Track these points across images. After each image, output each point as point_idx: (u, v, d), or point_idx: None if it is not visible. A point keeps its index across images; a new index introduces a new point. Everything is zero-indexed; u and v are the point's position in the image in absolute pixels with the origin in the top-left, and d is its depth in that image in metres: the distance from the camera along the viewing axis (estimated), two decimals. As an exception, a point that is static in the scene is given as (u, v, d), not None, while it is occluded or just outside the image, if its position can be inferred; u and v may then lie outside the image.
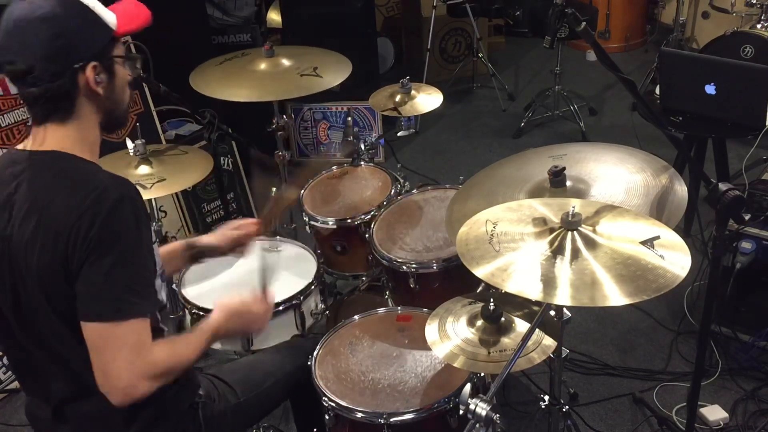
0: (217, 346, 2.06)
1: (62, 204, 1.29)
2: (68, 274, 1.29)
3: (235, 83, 2.42)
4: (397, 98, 2.46)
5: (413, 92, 2.47)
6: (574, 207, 1.40)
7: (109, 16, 1.39)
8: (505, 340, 1.60)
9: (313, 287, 2.12)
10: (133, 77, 1.47)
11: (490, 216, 1.51)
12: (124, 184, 1.34)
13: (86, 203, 1.27)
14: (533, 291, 1.29)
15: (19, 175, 1.35)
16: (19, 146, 1.42)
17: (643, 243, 1.35)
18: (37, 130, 1.38)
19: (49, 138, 1.36)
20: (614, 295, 1.25)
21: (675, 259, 1.32)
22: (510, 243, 1.41)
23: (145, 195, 2.13)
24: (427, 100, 2.47)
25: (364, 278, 2.48)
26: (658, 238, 1.36)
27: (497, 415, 1.24)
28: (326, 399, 1.71)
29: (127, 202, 1.30)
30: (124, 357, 1.29)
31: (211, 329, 1.52)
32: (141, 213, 1.34)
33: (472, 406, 1.24)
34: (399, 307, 2.04)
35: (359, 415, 1.67)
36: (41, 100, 1.33)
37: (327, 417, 1.74)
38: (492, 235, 1.44)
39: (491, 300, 1.62)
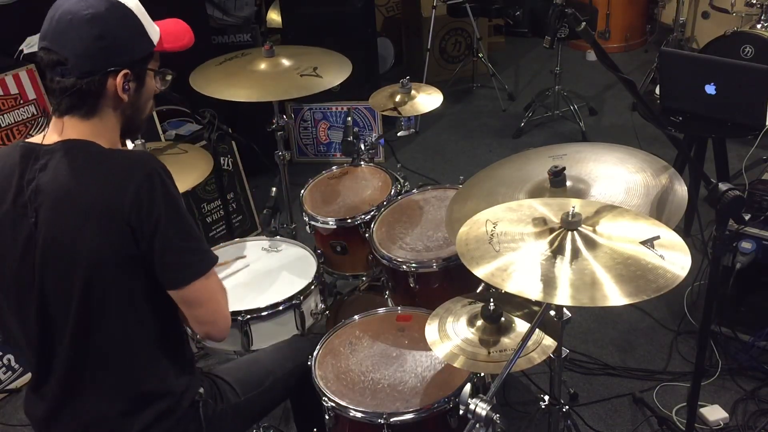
0: (217, 345, 2.07)
1: (102, 186, 1.32)
2: (137, 250, 1.34)
3: (235, 83, 2.42)
4: (397, 98, 2.46)
5: (413, 92, 2.47)
6: (574, 207, 1.39)
7: (153, 29, 1.44)
8: (505, 340, 1.60)
9: (313, 287, 2.12)
10: (161, 90, 1.52)
11: (490, 216, 1.51)
12: (154, 157, 1.40)
13: (135, 181, 1.32)
14: (533, 291, 1.29)
15: (43, 168, 1.35)
16: (34, 138, 1.42)
17: (643, 243, 1.35)
18: (56, 121, 1.39)
19: (69, 130, 1.38)
20: (614, 295, 1.25)
21: (675, 259, 1.32)
22: (510, 243, 1.41)
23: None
24: (427, 100, 2.47)
25: (364, 278, 2.48)
26: (658, 238, 1.36)
27: (497, 415, 1.24)
28: (326, 399, 1.71)
29: (164, 171, 1.37)
30: (222, 296, 1.50)
31: None
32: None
33: (472, 406, 1.24)
34: (399, 307, 2.04)
35: (359, 415, 1.67)
36: (67, 92, 1.35)
37: (327, 417, 1.74)
38: (492, 235, 1.44)
39: (491, 300, 1.62)
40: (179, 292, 1.41)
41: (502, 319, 1.62)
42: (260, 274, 2.21)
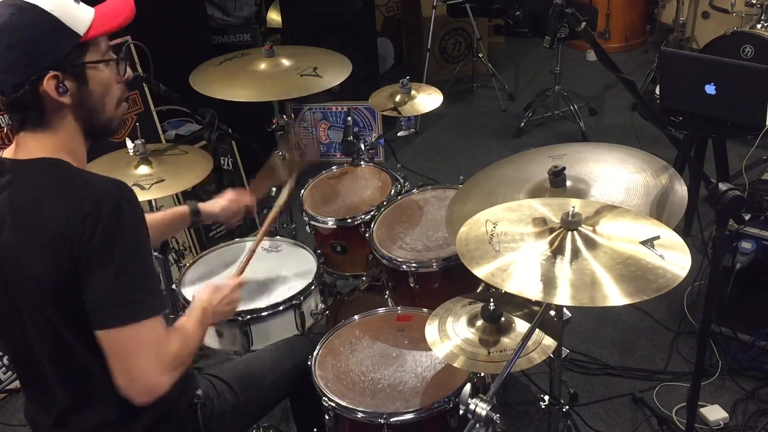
0: (216, 345, 2.07)
1: (59, 211, 1.26)
2: (75, 282, 1.27)
3: (235, 83, 2.42)
4: (397, 98, 2.46)
5: (413, 92, 2.47)
6: (574, 207, 1.39)
7: (79, 19, 1.31)
8: (505, 340, 1.60)
9: (313, 287, 2.11)
10: (124, 80, 1.41)
11: (490, 216, 1.51)
12: (119, 187, 1.30)
13: (85, 209, 1.24)
14: (533, 291, 1.29)
15: (6, 187, 1.32)
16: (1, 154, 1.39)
17: (643, 243, 1.35)
18: (16, 138, 1.36)
19: (30, 145, 1.33)
20: (614, 295, 1.25)
21: (675, 259, 1.32)
22: (510, 243, 1.41)
23: (144, 196, 2.13)
24: (427, 100, 2.47)
25: (364, 278, 2.48)
26: (658, 238, 1.36)
27: (497, 415, 1.24)
28: (326, 399, 1.71)
29: (125, 203, 1.27)
30: (147, 356, 1.30)
31: (200, 307, 1.58)
32: (139, 213, 1.32)
33: (472, 406, 1.24)
34: (399, 307, 2.04)
35: (359, 415, 1.67)
36: (11, 110, 1.31)
37: (327, 417, 1.74)
38: (492, 235, 1.44)
39: (491, 300, 1.62)
40: (98, 335, 1.28)
41: (502, 319, 1.62)
42: (260, 274, 2.21)
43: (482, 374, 1.75)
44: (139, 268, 1.30)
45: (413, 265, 2.07)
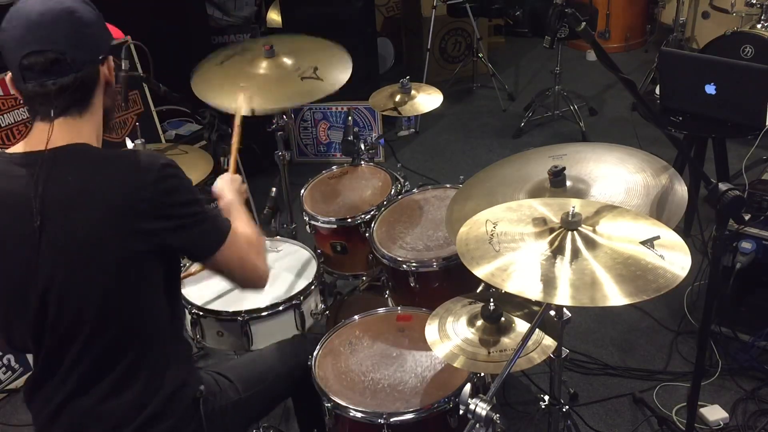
0: (216, 345, 2.07)
1: (123, 187, 1.33)
2: (163, 246, 1.38)
3: (237, 91, 2.38)
4: (397, 98, 2.46)
5: (413, 92, 2.47)
6: (574, 207, 1.39)
7: None
8: (505, 340, 1.60)
9: (313, 287, 2.12)
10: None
11: (490, 216, 1.51)
12: (160, 156, 1.41)
13: (150, 179, 1.34)
14: (533, 291, 1.29)
15: (39, 177, 1.33)
16: (12, 149, 1.41)
17: (643, 243, 1.35)
18: (42, 127, 1.37)
19: (61, 133, 1.37)
20: (614, 295, 1.25)
21: (675, 259, 1.32)
22: (510, 243, 1.40)
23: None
24: (427, 100, 2.47)
25: (364, 278, 2.48)
26: (658, 238, 1.36)
27: (497, 415, 1.24)
28: (326, 399, 1.71)
29: (171, 163, 1.39)
30: (248, 251, 1.54)
31: (230, 204, 1.71)
32: (183, 174, 1.44)
33: (472, 406, 1.24)
34: (399, 307, 2.04)
35: (359, 415, 1.67)
36: (67, 90, 1.35)
37: (327, 417, 1.74)
38: (492, 235, 1.44)
39: (491, 300, 1.62)
40: (213, 259, 1.48)
41: (502, 319, 1.62)
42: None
43: (482, 374, 1.75)
44: (202, 207, 1.45)
45: (413, 264, 2.07)
